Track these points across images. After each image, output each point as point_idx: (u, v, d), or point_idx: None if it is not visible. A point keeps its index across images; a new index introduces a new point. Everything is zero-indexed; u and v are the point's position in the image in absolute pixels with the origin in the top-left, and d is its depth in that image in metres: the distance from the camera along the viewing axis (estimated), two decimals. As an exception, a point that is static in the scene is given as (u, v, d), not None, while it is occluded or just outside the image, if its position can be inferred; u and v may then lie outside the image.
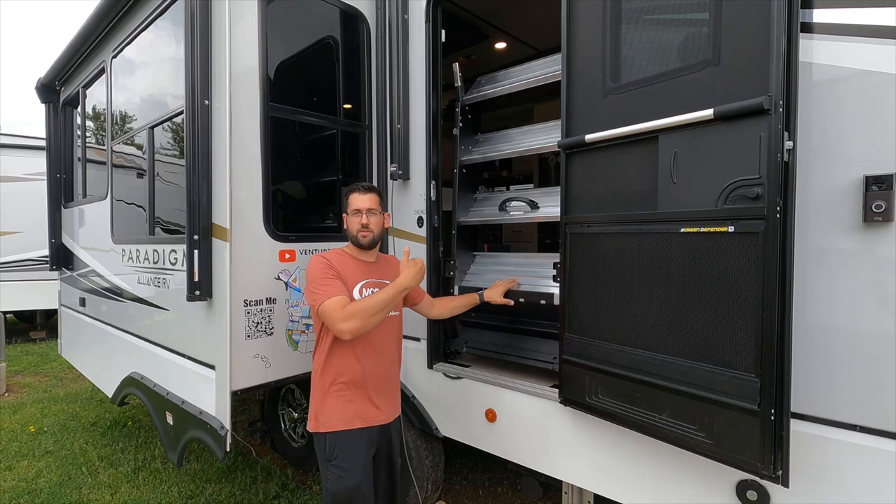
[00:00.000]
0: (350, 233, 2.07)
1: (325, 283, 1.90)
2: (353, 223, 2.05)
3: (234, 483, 3.27)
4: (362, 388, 2.00)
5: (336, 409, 1.96)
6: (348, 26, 2.88)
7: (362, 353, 1.99)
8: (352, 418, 1.97)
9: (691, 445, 1.56)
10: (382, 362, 2.06)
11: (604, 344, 1.80)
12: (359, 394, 1.99)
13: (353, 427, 1.96)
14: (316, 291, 1.90)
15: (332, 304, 1.84)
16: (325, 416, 1.97)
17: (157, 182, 2.99)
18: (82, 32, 3.53)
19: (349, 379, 1.98)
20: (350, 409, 1.97)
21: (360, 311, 1.83)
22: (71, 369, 5.40)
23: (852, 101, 1.40)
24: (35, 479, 3.37)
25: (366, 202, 2.04)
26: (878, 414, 1.38)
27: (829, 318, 1.45)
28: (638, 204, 1.68)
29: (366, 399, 2.01)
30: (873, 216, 1.35)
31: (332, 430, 1.95)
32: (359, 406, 1.99)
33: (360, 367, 1.98)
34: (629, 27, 1.74)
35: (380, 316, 1.87)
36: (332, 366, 1.98)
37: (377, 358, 2.03)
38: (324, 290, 1.88)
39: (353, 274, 2.02)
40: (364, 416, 1.99)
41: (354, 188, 2.09)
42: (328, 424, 1.96)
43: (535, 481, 2.29)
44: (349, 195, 2.08)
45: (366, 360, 2.00)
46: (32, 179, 7.19)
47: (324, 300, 1.86)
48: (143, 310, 3.06)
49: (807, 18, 1.44)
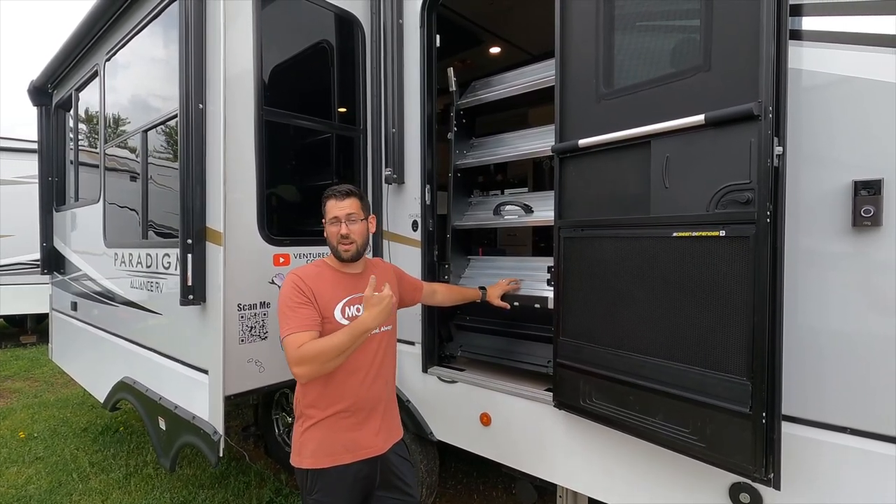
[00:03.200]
0: (330, 244, 1.83)
1: (289, 313, 1.66)
2: (332, 233, 1.80)
3: (228, 489, 3.25)
4: (351, 416, 1.76)
5: (318, 442, 1.73)
6: (343, 30, 2.89)
7: (348, 376, 1.75)
8: (338, 452, 1.73)
9: (684, 448, 1.57)
10: (374, 386, 1.81)
11: (597, 347, 1.81)
12: (346, 423, 1.75)
13: (338, 463, 1.73)
14: (281, 322, 1.68)
15: (289, 342, 1.62)
16: (306, 450, 1.73)
17: (151, 185, 2.98)
18: (76, 35, 3.51)
19: (338, 408, 1.74)
20: (336, 442, 1.73)
21: (314, 357, 1.59)
22: (62, 374, 5.33)
23: (841, 107, 1.42)
24: (25, 486, 3.32)
25: (345, 208, 1.79)
26: (868, 416, 1.39)
27: (819, 321, 1.46)
28: (631, 208, 1.69)
29: (355, 428, 1.76)
30: (862, 221, 1.36)
31: (313, 468, 1.72)
32: (346, 437, 1.75)
33: (346, 392, 1.74)
34: (622, 33, 1.76)
35: (339, 360, 1.62)
36: (310, 392, 1.75)
37: (366, 381, 1.79)
38: (287, 323, 1.65)
39: (332, 292, 1.77)
40: (352, 450, 1.75)
41: (331, 193, 1.84)
42: (310, 461, 1.72)
43: (529, 485, 2.28)
44: (325, 201, 1.84)
45: (352, 384, 1.75)
46: (24, 182, 7.13)
47: (285, 335, 1.64)
48: (136, 314, 3.04)
49: (796, 26, 1.46)
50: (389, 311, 1.68)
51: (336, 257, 1.84)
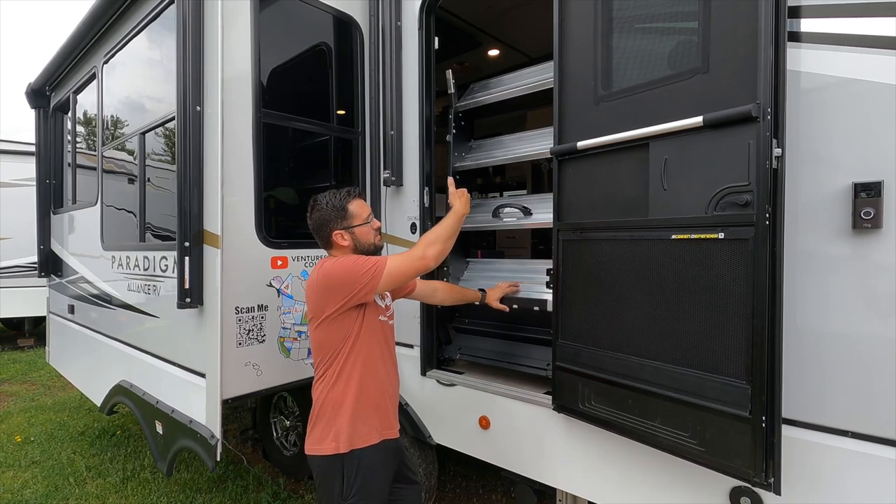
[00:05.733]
0: (365, 242, 1.88)
1: (369, 259, 1.76)
2: (367, 232, 1.89)
3: (225, 493, 3.23)
4: (377, 401, 1.85)
5: (352, 427, 1.78)
6: (341, 33, 2.89)
7: (376, 365, 1.86)
8: (369, 434, 1.81)
9: (683, 452, 1.56)
10: (392, 374, 1.96)
11: (596, 350, 1.80)
12: (372, 408, 1.83)
13: (369, 444, 1.80)
14: (369, 267, 1.72)
15: (394, 257, 1.78)
16: (343, 436, 1.77)
17: (148, 188, 2.97)
18: (74, 38, 3.51)
19: (369, 395, 1.82)
20: (367, 424, 1.81)
21: (435, 237, 1.81)
22: (59, 378, 5.32)
23: (839, 109, 1.41)
24: (21, 491, 3.30)
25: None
26: (869, 419, 1.38)
27: (819, 324, 1.46)
28: (630, 210, 1.69)
29: (380, 413, 1.86)
30: (862, 223, 1.36)
31: (355, 449, 1.77)
32: (374, 420, 1.83)
33: (377, 379, 1.85)
34: (620, 35, 1.76)
35: (453, 241, 1.87)
36: (340, 383, 1.81)
37: (388, 368, 1.93)
38: (376, 262, 1.74)
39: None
40: (378, 429, 1.84)
41: (354, 193, 1.91)
42: (346, 444, 1.76)
43: (529, 489, 2.27)
44: (354, 201, 1.88)
45: (380, 372, 1.87)
46: (21, 185, 7.12)
47: (386, 263, 1.73)
48: (133, 317, 3.02)
49: (794, 28, 1.46)
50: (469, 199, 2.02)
51: (372, 253, 1.90)
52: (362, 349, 1.82)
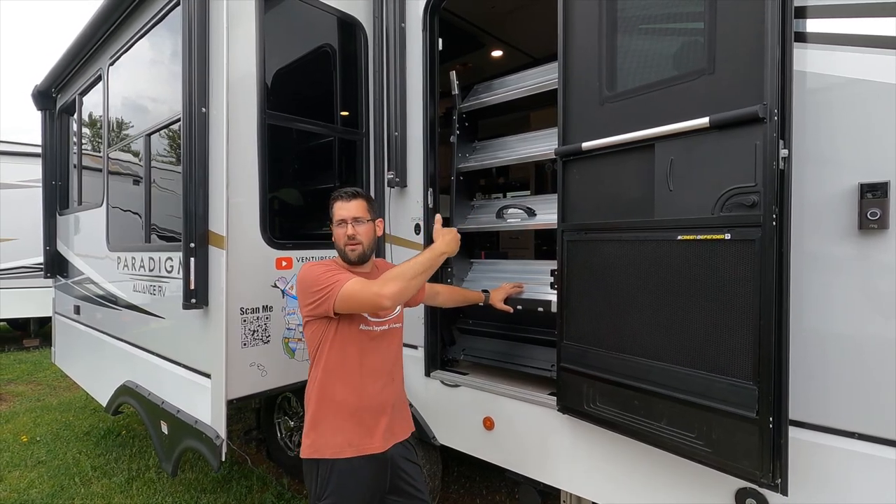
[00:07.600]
0: (337, 246, 1.87)
1: (333, 276, 1.71)
2: (339, 235, 1.84)
3: (230, 493, 3.24)
4: (359, 415, 1.79)
5: (328, 433, 1.76)
6: (346, 34, 2.89)
7: (366, 380, 1.80)
8: (341, 445, 1.75)
9: (689, 453, 1.56)
10: (385, 391, 1.86)
11: (601, 351, 1.80)
12: (352, 421, 1.78)
13: (340, 456, 1.74)
14: (328, 284, 1.69)
15: (356, 282, 1.67)
16: (320, 441, 1.76)
17: (154, 189, 2.98)
18: (79, 40, 3.52)
19: (350, 407, 1.77)
20: (340, 435, 1.76)
21: (399, 273, 1.67)
22: (64, 378, 5.34)
23: (846, 109, 1.41)
24: (27, 490, 3.32)
25: (351, 210, 1.83)
26: (876, 421, 1.38)
27: (826, 324, 1.45)
28: (635, 211, 1.69)
29: (359, 427, 1.79)
30: (868, 223, 1.35)
31: (325, 458, 1.74)
32: (350, 434, 1.77)
33: (362, 394, 1.79)
34: (625, 36, 1.76)
35: (420, 280, 1.71)
36: (326, 389, 1.79)
37: (378, 385, 1.83)
38: (337, 280, 1.69)
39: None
40: (354, 444, 1.77)
41: (338, 195, 1.88)
42: (310, 451, 1.76)
43: (533, 490, 2.27)
44: (333, 203, 1.88)
45: (368, 387, 1.80)
46: (27, 186, 7.16)
47: (344, 284, 1.67)
48: (139, 318, 3.04)
49: (800, 28, 1.45)
50: (458, 240, 1.86)
51: (343, 259, 1.88)
52: (332, 357, 1.78)
